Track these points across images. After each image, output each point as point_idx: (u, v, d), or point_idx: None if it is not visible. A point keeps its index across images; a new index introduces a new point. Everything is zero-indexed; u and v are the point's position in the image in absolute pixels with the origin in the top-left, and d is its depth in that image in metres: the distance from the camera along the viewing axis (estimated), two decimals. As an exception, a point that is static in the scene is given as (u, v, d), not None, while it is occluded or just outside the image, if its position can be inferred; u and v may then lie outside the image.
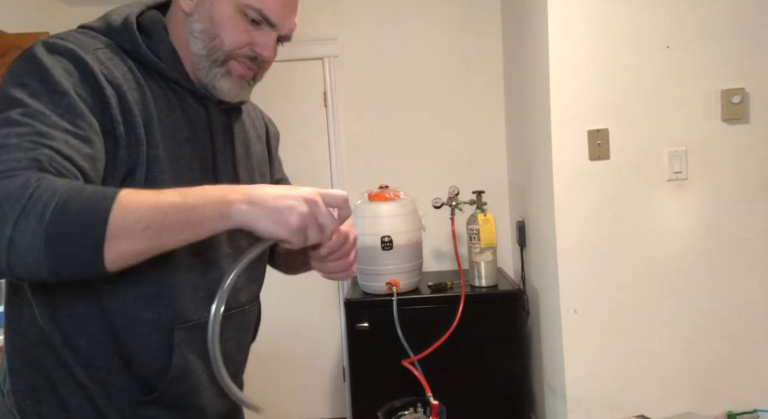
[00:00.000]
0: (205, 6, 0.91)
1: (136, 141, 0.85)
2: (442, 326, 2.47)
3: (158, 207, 0.73)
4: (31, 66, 0.83)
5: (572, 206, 2.14)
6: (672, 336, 2.14)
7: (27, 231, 0.67)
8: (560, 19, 2.10)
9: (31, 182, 0.69)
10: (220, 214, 0.75)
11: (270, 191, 0.78)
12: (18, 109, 0.76)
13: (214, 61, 0.93)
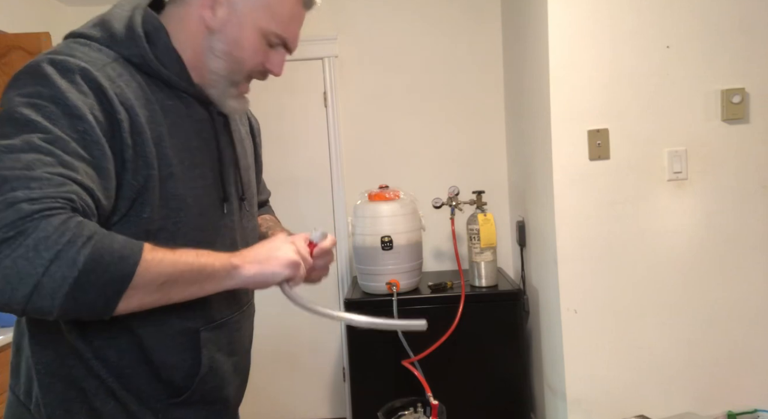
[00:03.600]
0: (232, 29, 0.93)
1: (144, 164, 0.86)
2: (442, 326, 2.47)
3: (175, 266, 0.80)
4: (43, 87, 0.80)
5: (572, 206, 2.14)
6: (672, 336, 2.14)
7: (57, 278, 0.69)
8: (560, 19, 2.10)
9: (69, 226, 0.71)
10: (227, 275, 0.86)
11: (262, 252, 0.91)
12: (38, 134, 0.76)
13: (232, 82, 0.97)
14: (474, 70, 3.21)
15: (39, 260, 0.68)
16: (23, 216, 0.68)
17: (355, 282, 2.88)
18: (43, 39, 2.66)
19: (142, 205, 0.86)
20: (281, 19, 0.98)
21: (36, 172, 0.72)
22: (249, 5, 0.94)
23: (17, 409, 0.94)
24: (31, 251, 0.68)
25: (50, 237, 0.69)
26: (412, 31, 3.20)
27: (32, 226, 0.69)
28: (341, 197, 3.24)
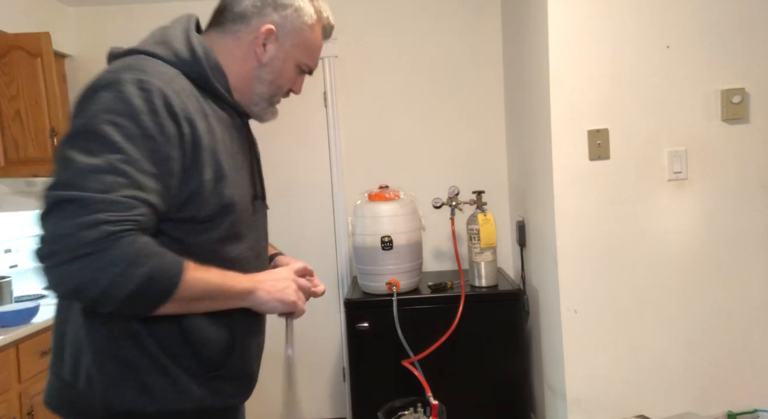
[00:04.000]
0: (278, 63, 1.15)
1: (197, 172, 1.01)
2: (442, 326, 2.47)
3: (207, 285, 0.99)
4: (123, 105, 0.94)
5: (572, 206, 2.14)
6: (672, 336, 2.14)
7: (120, 289, 0.88)
8: (560, 19, 2.10)
9: (135, 247, 0.89)
10: (244, 298, 1.06)
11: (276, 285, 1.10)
12: (118, 155, 0.91)
13: (271, 102, 1.21)
14: (474, 70, 3.21)
15: (110, 274, 0.87)
16: (104, 237, 0.86)
17: (355, 282, 2.88)
18: (43, 39, 2.66)
19: (195, 204, 1.01)
20: (312, 53, 1.20)
21: (114, 195, 0.89)
22: (291, 43, 1.15)
23: (63, 389, 1.06)
24: (105, 266, 0.87)
25: (120, 256, 0.87)
26: (412, 31, 3.20)
27: (109, 245, 0.87)
28: (341, 197, 3.24)
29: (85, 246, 0.86)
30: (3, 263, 2.80)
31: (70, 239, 0.86)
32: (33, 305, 2.29)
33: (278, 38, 1.14)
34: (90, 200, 0.87)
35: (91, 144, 0.91)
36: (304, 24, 1.15)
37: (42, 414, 2.27)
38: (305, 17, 1.15)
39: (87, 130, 0.92)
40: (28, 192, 2.74)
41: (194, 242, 1.04)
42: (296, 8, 1.14)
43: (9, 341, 2.09)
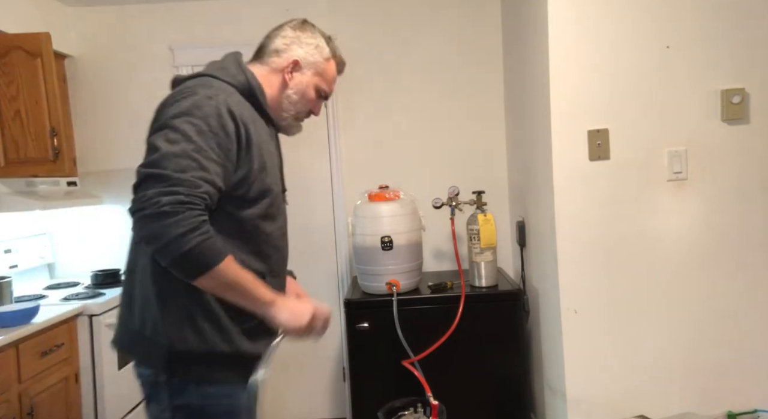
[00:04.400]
0: (301, 88, 1.49)
1: (247, 161, 1.32)
2: (442, 326, 2.47)
3: (239, 278, 1.26)
4: (197, 110, 1.26)
5: (572, 206, 2.14)
6: (672, 336, 2.14)
7: (177, 246, 1.17)
8: (560, 19, 2.10)
9: (198, 220, 1.18)
10: (263, 306, 1.30)
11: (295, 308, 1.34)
12: (191, 145, 1.21)
13: (296, 118, 1.55)
14: (474, 70, 3.21)
15: (175, 233, 1.16)
16: (177, 203, 1.16)
17: (355, 282, 2.88)
18: (43, 39, 2.66)
19: (244, 186, 1.32)
20: (329, 82, 1.55)
21: (185, 175, 1.19)
22: (311, 72, 1.50)
23: (132, 336, 1.36)
24: (173, 225, 1.16)
25: (186, 221, 1.16)
26: (412, 31, 3.20)
27: (181, 210, 1.16)
28: (341, 197, 3.24)
29: (162, 206, 1.15)
30: (3, 263, 2.80)
31: (152, 200, 1.16)
32: (33, 306, 2.29)
33: (302, 68, 1.49)
34: (168, 177, 1.18)
35: (171, 135, 1.21)
36: (322, 58, 1.52)
37: (42, 414, 2.27)
38: (323, 53, 1.52)
39: (170, 125, 1.23)
40: (28, 192, 2.74)
41: (241, 215, 1.33)
42: (316, 46, 1.51)
43: (9, 341, 2.09)
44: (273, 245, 1.42)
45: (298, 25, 1.54)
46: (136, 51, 3.23)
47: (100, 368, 2.55)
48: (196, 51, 3.22)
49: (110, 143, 3.26)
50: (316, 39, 1.52)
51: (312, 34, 1.53)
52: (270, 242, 1.40)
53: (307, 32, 1.53)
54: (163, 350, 1.29)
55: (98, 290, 2.81)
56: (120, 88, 3.25)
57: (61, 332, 2.41)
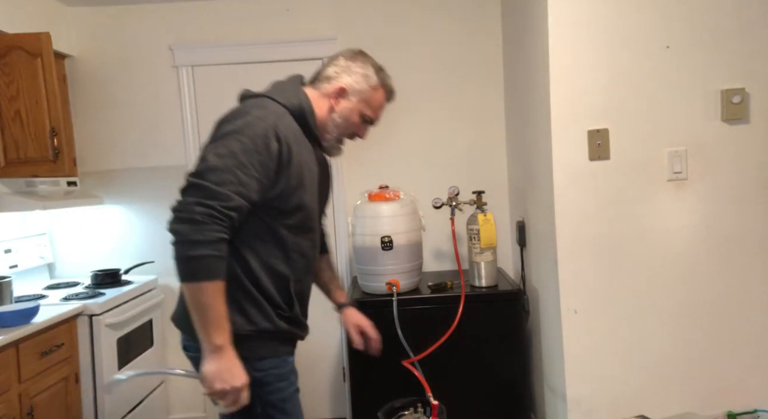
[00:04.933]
0: (346, 112, 1.61)
1: (285, 179, 1.47)
2: (442, 326, 2.47)
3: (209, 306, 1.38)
4: (247, 129, 1.42)
5: (572, 206, 2.14)
6: (672, 336, 2.14)
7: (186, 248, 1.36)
8: (560, 20, 2.10)
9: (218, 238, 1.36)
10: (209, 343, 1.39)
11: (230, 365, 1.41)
12: (234, 161, 1.39)
13: (339, 140, 1.65)
14: (474, 70, 3.21)
15: (193, 238, 1.34)
16: (209, 215, 1.35)
17: (355, 282, 2.88)
18: (43, 39, 2.66)
19: (282, 199, 1.48)
20: (374, 109, 1.65)
21: (223, 188, 1.37)
22: (357, 99, 1.61)
23: (186, 316, 1.47)
24: (195, 232, 1.34)
25: (207, 233, 1.35)
26: (411, 31, 3.20)
27: (208, 222, 1.35)
28: (341, 197, 3.24)
29: (195, 214, 1.35)
30: (3, 263, 2.80)
31: (189, 207, 1.36)
32: (33, 305, 2.29)
33: (348, 95, 1.61)
34: (207, 188, 1.36)
35: (221, 150, 1.39)
36: (369, 87, 1.62)
37: (42, 414, 2.27)
38: (370, 82, 1.62)
39: (222, 141, 1.41)
40: (28, 192, 2.74)
41: (276, 225, 1.50)
42: (364, 75, 1.62)
43: (9, 341, 2.09)
44: (301, 253, 1.57)
45: (351, 55, 1.65)
46: (136, 51, 3.24)
47: (100, 368, 2.55)
48: (196, 51, 3.22)
49: (110, 143, 3.26)
50: (366, 69, 1.63)
51: (362, 64, 1.63)
52: (298, 250, 1.57)
53: (358, 62, 1.63)
54: None
55: (98, 290, 2.81)
56: (120, 88, 3.25)
57: (61, 332, 2.41)
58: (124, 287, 2.88)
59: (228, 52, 3.22)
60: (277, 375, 1.55)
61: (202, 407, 3.31)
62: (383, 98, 1.66)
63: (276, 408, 1.55)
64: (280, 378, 1.56)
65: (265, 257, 1.51)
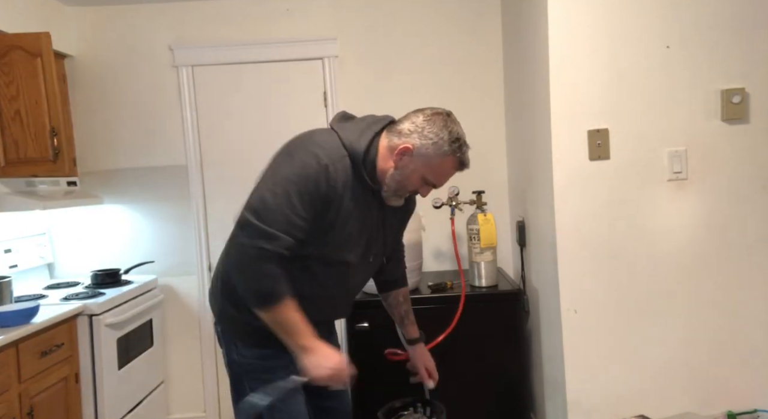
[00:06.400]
0: (406, 171, 1.61)
1: (329, 219, 1.56)
2: (442, 326, 2.47)
3: (286, 321, 1.54)
4: (303, 171, 1.51)
5: (572, 206, 2.14)
6: (672, 336, 2.14)
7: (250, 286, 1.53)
8: (560, 20, 2.10)
9: (270, 270, 1.50)
10: (298, 348, 1.56)
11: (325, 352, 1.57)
12: (286, 202, 1.49)
13: (396, 193, 1.66)
14: (474, 70, 3.21)
15: (253, 276, 1.51)
16: (258, 256, 1.49)
17: (355, 282, 2.87)
18: (43, 39, 2.66)
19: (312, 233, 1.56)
20: (438, 175, 1.64)
21: (273, 229, 1.48)
22: (421, 162, 1.60)
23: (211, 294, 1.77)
24: (252, 272, 1.51)
25: (263, 269, 1.50)
26: (412, 31, 3.20)
27: (258, 263, 1.49)
28: (341, 197, 3.23)
29: (247, 257, 1.49)
30: (3, 263, 2.80)
31: (242, 248, 1.50)
32: (33, 305, 2.29)
33: (412, 155, 1.59)
34: (259, 228, 1.48)
35: (278, 190, 1.49)
36: (437, 154, 1.59)
37: (42, 414, 2.27)
38: (440, 150, 1.59)
39: (278, 181, 1.50)
40: (28, 192, 2.74)
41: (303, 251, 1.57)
42: (434, 142, 1.59)
43: (9, 341, 2.09)
44: (319, 282, 1.65)
45: (432, 116, 1.62)
46: (136, 51, 3.23)
47: (100, 368, 2.55)
48: (196, 51, 3.22)
49: (110, 143, 3.26)
50: (440, 136, 1.59)
51: (438, 130, 1.59)
52: (316, 277, 1.64)
53: (435, 126, 1.60)
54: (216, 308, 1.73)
55: (98, 290, 2.81)
56: (120, 88, 3.25)
57: (61, 332, 2.41)
58: (124, 287, 2.88)
59: (228, 52, 3.22)
60: (264, 365, 1.64)
61: (202, 407, 3.31)
62: (451, 168, 1.63)
63: None
64: (267, 369, 1.63)
65: (305, 287, 1.60)
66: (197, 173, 3.26)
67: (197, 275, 3.27)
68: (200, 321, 3.28)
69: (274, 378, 1.60)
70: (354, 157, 1.57)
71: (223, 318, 1.71)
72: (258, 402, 1.57)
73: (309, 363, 1.54)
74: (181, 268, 3.28)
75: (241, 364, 1.67)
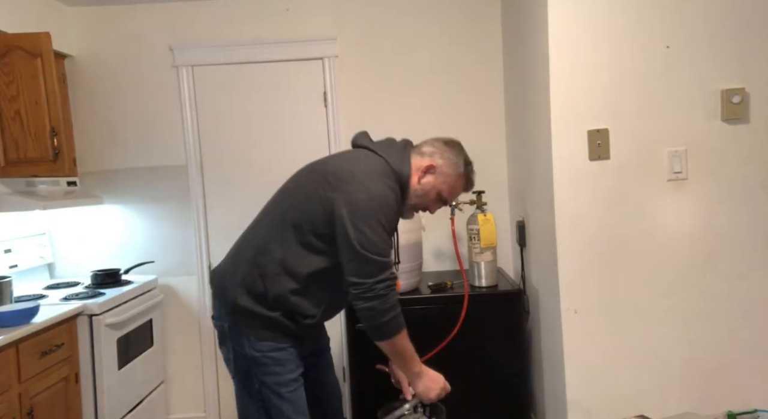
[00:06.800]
0: (426, 188, 1.81)
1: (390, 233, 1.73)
2: (442, 326, 2.47)
3: (404, 348, 1.74)
4: (386, 202, 1.67)
5: (572, 206, 2.14)
6: (672, 336, 2.14)
7: (381, 317, 1.66)
8: (560, 20, 2.10)
9: (395, 299, 1.68)
10: (413, 374, 1.79)
11: (433, 375, 1.83)
12: (383, 232, 1.64)
13: (414, 208, 1.85)
14: (474, 70, 3.21)
15: (381, 308, 1.65)
16: (386, 286, 1.64)
17: (355, 282, 2.87)
18: (43, 39, 2.66)
19: None
20: (451, 193, 1.85)
21: (386, 259, 1.65)
22: (440, 179, 1.80)
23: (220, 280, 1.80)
24: (382, 303, 1.64)
25: (388, 301, 1.66)
26: (412, 31, 3.20)
27: (387, 291, 1.65)
28: (341, 197, 3.23)
29: (376, 291, 1.63)
30: (3, 263, 2.80)
31: (371, 287, 1.63)
32: (33, 305, 2.29)
33: (435, 173, 1.80)
34: (376, 262, 1.63)
35: (374, 224, 1.62)
36: (454, 173, 1.82)
37: (42, 414, 2.27)
38: (457, 170, 1.82)
39: (368, 214, 1.62)
40: (28, 192, 2.74)
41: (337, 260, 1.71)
42: (454, 162, 1.81)
43: (9, 341, 2.09)
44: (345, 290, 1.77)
45: (449, 141, 1.86)
46: (136, 51, 3.23)
47: (100, 368, 2.55)
48: (196, 51, 3.22)
49: (110, 143, 3.26)
50: (458, 158, 1.82)
51: (455, 153, 1.83)
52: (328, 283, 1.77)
53: (453, 150, 1.83)
54: (229, 301, 1.73)
55: (98, 290, 2.81)
56: (120, 88, 3.25)
57: (61, 332, 2.41)
58: (124, 287, 2.88)
59: (228, 52, 3.22)
60: (275, 358, 1.70)
61: (202, 407, 3.31)
62: (461, 187, 1.87)
63: (270, 389, 1.70)
64: (279, 362, 1.71)
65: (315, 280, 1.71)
66: (197, 173, 3.26)
67: (197, 275, 3.27)
68: (200, 321, 3.28)
69: (285, 372, 1.71)
70: (401, 179, 1.76)
71: (237, 311, 1.71)
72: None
73: (424, 386, 1.78)
74: (181, 268, 3.28)
75: (253, 358, 1.70)
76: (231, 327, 1.74)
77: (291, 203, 1.74)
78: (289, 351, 1.72)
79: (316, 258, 1.69)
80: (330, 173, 1.70)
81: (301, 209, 1.69)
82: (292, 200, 1.74)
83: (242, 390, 1.76)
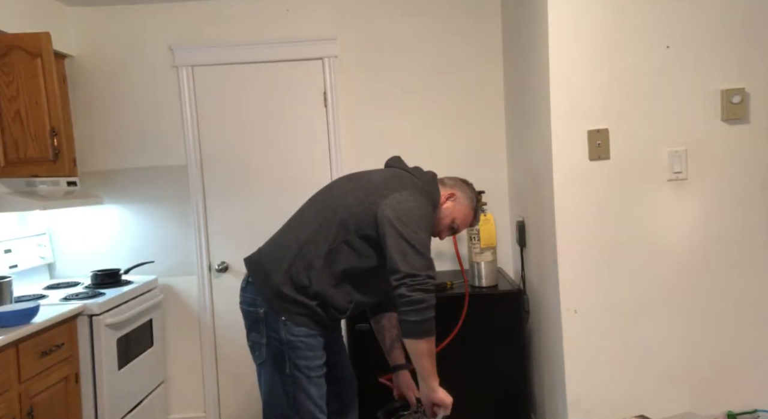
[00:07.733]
0: (446, 212, 1.96)
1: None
2: (442, 326, 2.46)
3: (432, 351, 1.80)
4: (425, 209, 1.84)
5: (572, 206, 2.14)
6: (672, 336, 2.14)
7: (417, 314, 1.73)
8: (560, 19, 2.10)
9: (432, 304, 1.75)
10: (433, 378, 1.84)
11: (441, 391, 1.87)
12: (424, 242, 1.78)
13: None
14: (474, 70, 3.21)
15: (432, 303, 1.74)
16: (429, 297, 1.74)
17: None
18: (43, 39, 2.66)
19: None
20: (461, 222, 2.00)
21: (431, 272, 1.76)
22: (456, 208, 1.97)
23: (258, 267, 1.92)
24: (431, 298, 1.74)
25: (433, 299, 1.75)
26: (411, 31, 3.20)
27: (432, 287, 1.75)
28: (341, 197, 3.23)
29: (428, 285, 1.74)
30: (3, 263, 2.80)
31: (425, 280, 1.73)
32: (33, 305, 2.29)
33: (455, 200, 1.97)
34: (428, 257, 1.76)
35: (421, 227, 1.78)
36: (468, 204, 1.99)
37: (42, 414, 2.27)
38: (471, 203, 2.00)
39: (410, 223, 1.76)
40: (28, 192, 2.74)
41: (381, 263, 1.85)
42: (469, 196, 2.00)
43: (9, 341, 2.09)
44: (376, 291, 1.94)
45: (464, 180, 2.05)
46: (136, 51, 3.23)
47: (100, 368, 2.55)
48: (196, 51, 3.22)
49: (110, 143, 3.26)
50: (471, 193, 2.02)
51: (470, 190, 2.02)
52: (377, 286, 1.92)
53: (468, 187, 2.02)
54: (271, 287, 1.85)
55: (98, 290, 2.81)
56: (120, 88, 3.25)
57: (61, 332, 2.41)
58: (124, 287, 2.88)
59: (228, 52, 3.22)
60: (308, 343, 1.84)
61: (202, 407, 3.31)
62: (471, 220, 2.03)
63: (301, 371, 1.83)
64: (310, 347, 1.84)
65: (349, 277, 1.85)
66: (197, 173, 3.26)
67: (197, 275, 3.27)
68: (200, 321, 3.28)
69: (315, 357, 1.85)
70: (434, 203, 1.93)
71: (279, 298, 1.83)
72: None
73: (441, 397, 1.86)
74: (181, 268, 3.28)
75: (289, 342, 1.82)
76: (267, 312, 1.84)
77: (342, 203, 1.86)
78: (318, 339, 1.85)
79: (354, 257, 1.82)
80: (379, 183, 1.87)
81: (351, 210, 1.83)
82: (343, 201, 1.87)
83: (273, 373, 1.86)
